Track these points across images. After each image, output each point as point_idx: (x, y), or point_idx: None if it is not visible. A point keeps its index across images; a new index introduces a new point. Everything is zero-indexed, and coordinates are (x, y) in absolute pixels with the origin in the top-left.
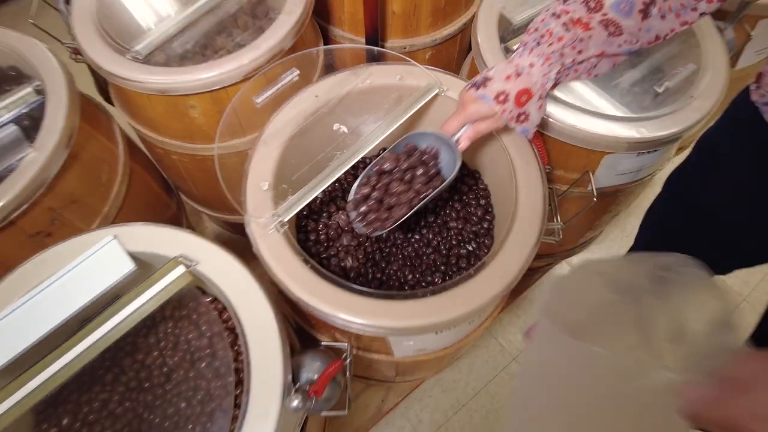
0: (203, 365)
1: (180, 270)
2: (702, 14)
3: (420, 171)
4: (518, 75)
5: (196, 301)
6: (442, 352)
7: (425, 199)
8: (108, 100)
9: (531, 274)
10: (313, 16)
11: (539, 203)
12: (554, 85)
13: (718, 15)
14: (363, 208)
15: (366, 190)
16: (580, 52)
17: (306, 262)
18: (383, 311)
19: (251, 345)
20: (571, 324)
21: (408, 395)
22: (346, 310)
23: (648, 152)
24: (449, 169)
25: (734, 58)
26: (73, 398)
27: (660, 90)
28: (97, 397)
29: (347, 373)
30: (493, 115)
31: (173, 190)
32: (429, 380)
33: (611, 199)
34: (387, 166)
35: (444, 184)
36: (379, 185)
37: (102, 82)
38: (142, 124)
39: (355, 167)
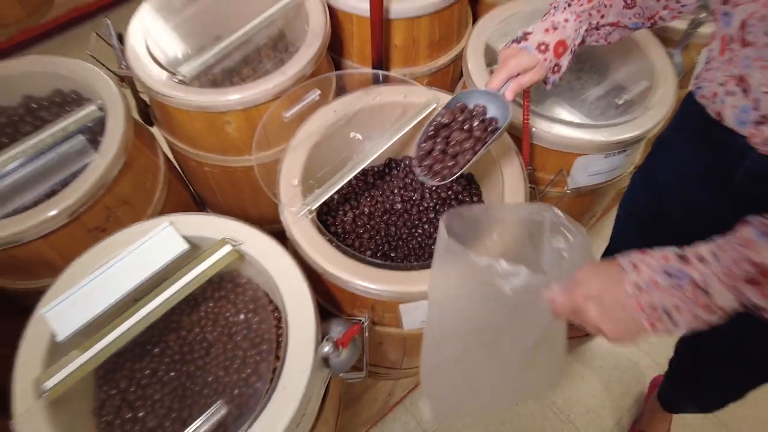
0: (239, 338)
1: (227, 248)
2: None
3: (476, 121)
4: (555, 29)
5: (233, 282)
6: None
7: (488, 143)
8: (147, 121)
9: None
10: (327, 50)
11: (521, 199)
12: (581, 42)
13: (669, 43)
14: (427, 162)
15: (428, 144)
16: (603, 16)
17: (330, 241)
18: (396, 278)
19: (288, 307)
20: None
21: (412, 390)
22: (365, 278)
23: (614, 154)
24: (501, 118)
25: (683, 80)
26: (128, 366)
27: (620, 102)
28: (147, 366)
29: (365, 336)
30: (534, 65)
31: (198, 202)
32: None
33: (588, 199)
34: (445, 119)
35: (501, 129)
36: (440, 138)
37: (143, 106)
38: (181, 139)
39: (365, 173)
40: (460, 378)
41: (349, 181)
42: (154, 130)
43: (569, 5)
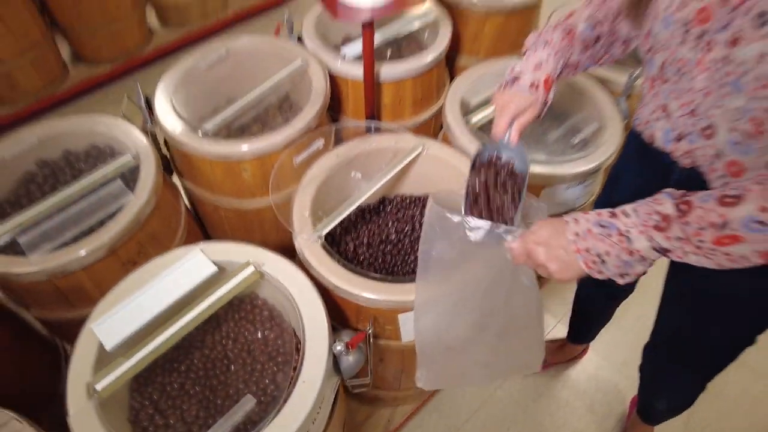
0: (258, 353)
1: (250, 269)
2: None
3: (508, 180)
4: (540, 66)
5: (251, 304)
6: None
7: (522, 194)
8: (167, 170)
9: None
10: (327, 110)
11: None
12: (558, 76)
13: (615, 93)
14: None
15: (476, 213)
16: (571, 55)
17: (338, 261)
18: (395, 290)
19: (305, 315)
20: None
21: (410, 417)
22: (369, 290)
23: (574, 185)
24: (521, 164)
25: (628, 123)
26: (159, 380)
27: (575, 142)
28: (176, 381)
29: (369, 343)
30: (531, 104)
31: None
32: (427, 406)
33: None
34: (477, 187)
35: (527, 177)
36: (479, 204)
37: (163, 158)
38: (202, 186)
39: (362, 210)
40: (447, 344)
41: (350, 216)
42: (173, 180)
43: (546, 44)
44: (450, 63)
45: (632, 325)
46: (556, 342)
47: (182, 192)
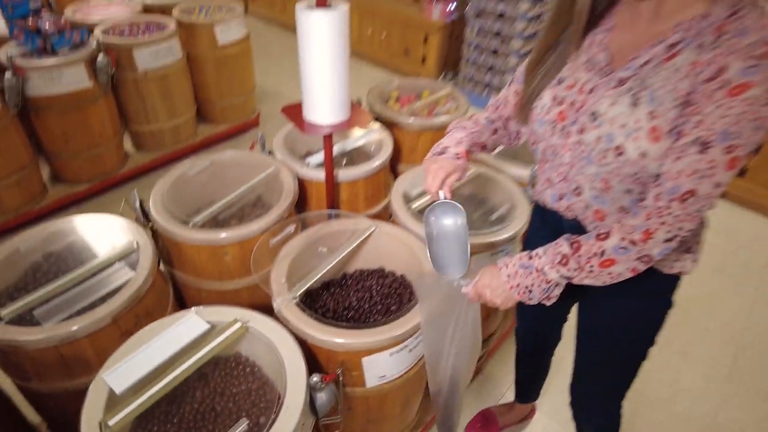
0: (242, 402)
1: (238, 324)
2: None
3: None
4: (460, 142)
5: (236, 361)
6: (399, 381)
7: (466, 240)
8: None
9: None
10: (295, 207)
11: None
12: (472, 151)
13: (523, 183)
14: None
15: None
16: (479, 138)
17: (311, 315)
18: (359, 334)
19: (286, 359)
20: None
21: None
22: (337, 336)
23: (498, 252)
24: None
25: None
26: (155, 429)
27: (493, 218)
28: (169, 430)
29: (339, 384)
30: (456, 168)
31: None
32: None
33: None
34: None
35: (466, 224)
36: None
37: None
38: (187, 272)
39: (327, 285)
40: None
41: (317, 289)
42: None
43: (463, 128)
44: (393, 168)
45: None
46: (506, 405)
47: (170, 279)
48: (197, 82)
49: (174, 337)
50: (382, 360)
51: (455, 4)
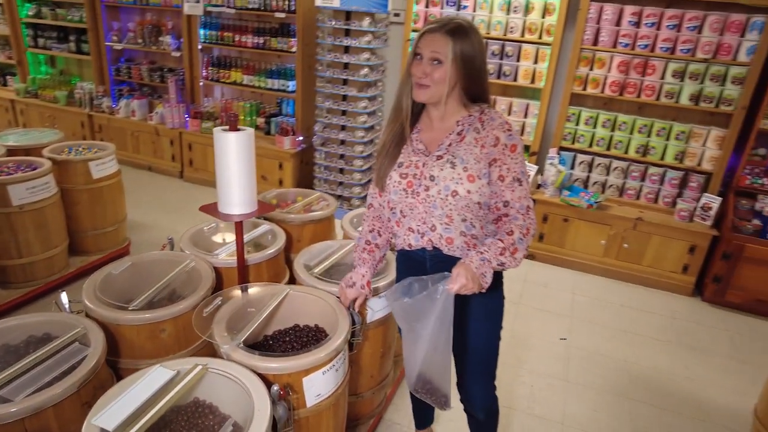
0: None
1: (198, 368)
2: None
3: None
4: (363, 276)
5: (195, 405)
6: (330, 399)
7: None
8: None
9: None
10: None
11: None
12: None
13: None
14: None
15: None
16: (375, 257)
17: (254, 353)
18: (296, 359)
19: (249, 387)
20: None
21: None
22: (282, 362)
23: (381, 295)
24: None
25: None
26: None
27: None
28: None
29: (289, 400)
30: (361, 295)
31: None
32: None
33: (381, 329)
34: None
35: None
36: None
37: None
38: (126, 355)
39: (257, 344)
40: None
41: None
42: None
43: (363, 261)
44: (287, 255)
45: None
46: None
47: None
48: (71, 214)
49: (147, 384)
50: (318, 378)
51: (302, 137)
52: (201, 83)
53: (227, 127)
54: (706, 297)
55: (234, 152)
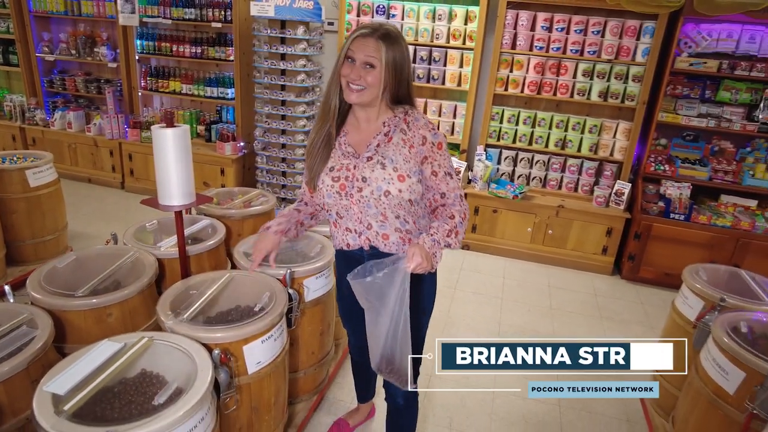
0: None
1: (144, 339)
2: None
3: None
4: (280, 224)
5: (143, 375)
6: (270, 367)
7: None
8: None
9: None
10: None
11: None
12: (292, 230)
13: None
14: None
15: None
16: (298, 218)
17: (200, 324)
18: (236, 329)
19: (193, 354)
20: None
21: None
22: (224, 332)
23: (320, 276)
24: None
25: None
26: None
27: (312, 254)
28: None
29: (230, 366)
30: (273, 243)
31: None
32: None
33: (320, 307)
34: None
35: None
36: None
37: None
38: (73, 340)
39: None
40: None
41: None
42: None
43: (284, 215)
44: (227, 248)
45: None
46: (352, 410)
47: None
48: (6, 224)
49: (95, 356)
50: (257, 347)
51: (243, 143)
52: (139, 93)
53: (164, 125)
54: (623, 275)
55: (171, 147)
